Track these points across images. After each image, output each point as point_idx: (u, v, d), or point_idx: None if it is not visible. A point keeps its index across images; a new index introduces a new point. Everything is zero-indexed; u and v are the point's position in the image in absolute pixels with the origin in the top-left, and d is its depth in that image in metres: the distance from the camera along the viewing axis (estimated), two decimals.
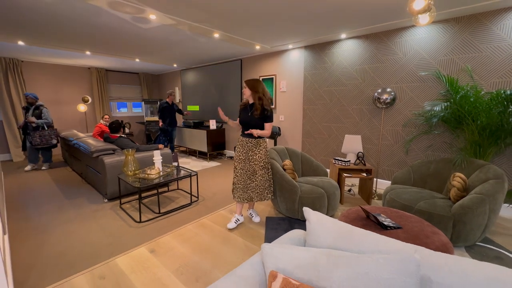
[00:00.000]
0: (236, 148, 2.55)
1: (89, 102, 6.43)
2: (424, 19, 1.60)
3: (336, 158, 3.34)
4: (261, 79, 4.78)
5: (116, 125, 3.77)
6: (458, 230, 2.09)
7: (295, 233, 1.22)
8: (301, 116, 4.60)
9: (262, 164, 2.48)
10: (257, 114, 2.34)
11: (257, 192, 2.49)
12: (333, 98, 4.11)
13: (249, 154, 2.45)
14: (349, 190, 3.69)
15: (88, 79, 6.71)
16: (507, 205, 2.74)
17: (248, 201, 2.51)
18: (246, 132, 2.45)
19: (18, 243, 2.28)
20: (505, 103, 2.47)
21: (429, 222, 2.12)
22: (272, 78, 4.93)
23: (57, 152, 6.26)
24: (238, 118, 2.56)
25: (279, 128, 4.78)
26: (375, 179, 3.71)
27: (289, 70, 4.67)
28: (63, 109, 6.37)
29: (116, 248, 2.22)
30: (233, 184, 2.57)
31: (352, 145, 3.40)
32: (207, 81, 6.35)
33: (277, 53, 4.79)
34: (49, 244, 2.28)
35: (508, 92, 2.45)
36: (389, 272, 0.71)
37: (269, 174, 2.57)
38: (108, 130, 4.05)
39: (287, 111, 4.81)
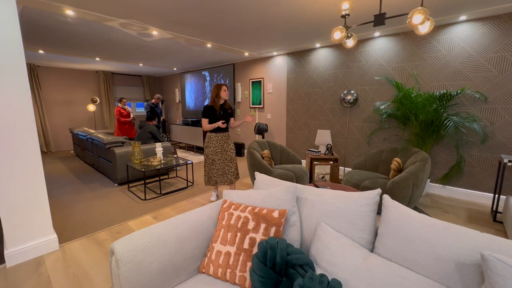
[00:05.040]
0: (210, 145, 3.02)
1: (97, 103, 7.08)
2: (350, 43, 2.21)
3: (310, 149, 3.96)
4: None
5: (150, 116, 5.21)
6: None
7: (250, 190, 1.85)
8: (285, 114, 5.22)
9: (234, 152, 3.18)
10: (230, 110, 3.07)
11: (235, 174, 3.12)
12: (311, 99, 4.73)
13: (224, 146, 3.05)
14: (323, 177, 4.31)
15: (96, 82, 7.38)
16: (441, 185, 3.36)
17: (216, 184, 3.12)
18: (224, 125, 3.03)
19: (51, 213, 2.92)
20: (437, 102, 3.09)
21: None
22: (260, 80, 5.55)
23: (69, 147, 6.94)
24: (220, 122, 2.95)
25: (266, 125, 5.41)
26: (343, 167, 4.32)
27: (275, 73, 5.29)
28: (74, 109, 7.04)
29: (127, 216, 2.86)
30: (207, 174, 3.11)
31: (323, 138, 4.02)
32: (204, 83, 6.99)
33: (264, 59, 5.42)
34: (75, 214, 2.93)
35: (436, 93, 3.06)
36: (281, 192, 1.34)
37: (236, 159, 3.23)
38: (123, 112, 5.70)
39: (273, 110, 5.44)
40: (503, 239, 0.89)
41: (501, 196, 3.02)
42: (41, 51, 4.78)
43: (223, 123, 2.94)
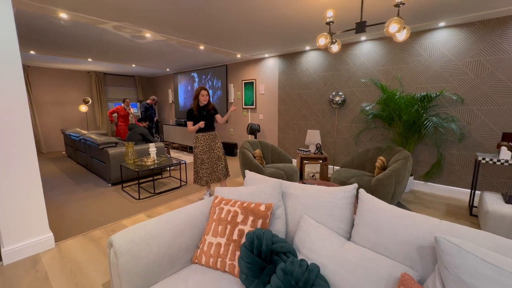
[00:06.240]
0: (198, 145, 3.12)
1: (89, 103, 7.06)
2: (334, 48, 2.35)
3: (300, 148, 4.09)
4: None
5: (143, 118, 5.45)
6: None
7: (240, 186, 1.96)
8: (276, 115, 5.35)
9: (222, 150, 3.25)
10: (213, 111, 3.16)
11: (223, 172, 3.21)
12: (302, 100, 4.87)
13: (212, 145, 3.14)
14: (313, 176, 4.45)
15: (88, 82, 7.35)
16: (424, 182, 3.55)
17: (207, 184, 3.17)
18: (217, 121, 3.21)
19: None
20: (418, 103, 3.26)
21: None
22: (253, 82, 5.66)
23: (60, 148, 6.89)
24: (201, 123, 3.03)
25: (258, 125, 5.52)
26: (332, 166, 4.48)
27: (266, 75, 5.41)
28: (66, 110, 7.00)
29: (121, 215, 2.92)
30: (196, 174, 3.18)
31: (313, 138, 4.17)
32: (193, 84, 7.06)
33: (256, 60, 5.53)
34: (70, 213, 2.98)
35: (418, 95, 3.24)
36: (268, 188, 1.45)
37: (225, 157, 3.31)
38: (122, 112, 5.85)
39: (266, 110, 5.56)
40: (457, 225, 1.03)
41: (477, 192, 3.22)
42: (32, 52, 4.77)
43: (205, 123, 3.08)
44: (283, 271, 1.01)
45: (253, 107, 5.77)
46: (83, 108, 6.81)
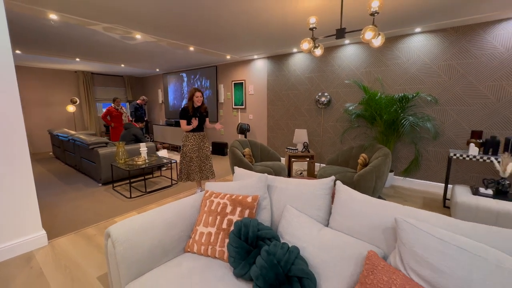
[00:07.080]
0: (187, 143, 3.22)
1: (77, 103, 6.97)
2: (318, 52, 2.51)
3: (288, 147, 4.25)
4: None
5: (139, 118, 5.59)
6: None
7: (229, 182, 2.08)
8: (266, 114, 5.49)
9: (210, 150, 3.37)
10: (205, 113, 3.26)
11: (211, 171, 3.33)
12: (290, 100, 5.04)
13: (201, 145, 3.25)
14: (300, 173, 4.62)
15: (75, 82, 7.25)
16: (403, 178, 3.78)
17: (191, 180, 3.28)
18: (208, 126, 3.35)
19: None
20: (397, 103, 3.48)
21: None
22: (242, 82, 5.78)
23: (47, 149, 6.78)
24: (193, 120, 3.15)
25: (248, 125, 5.65)
26: (318, 163, 4.66)
27: (256, 76, 5.55)
28: (53, 110, 6.89)
29: (113, 213, 2.98)
30: (185, 171, 3.25)
31: (301, 137, 4.33)
32: (187, 84, 7.11)
33: (245, 61, 5.66)
34: (62, 213, 3.00)
35: (396, 96, 3.46)
36: (254, 182, 1.58)
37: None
38: (114, 113, 5.66)
39: (255, 110, 5.69)
40: (416, 209, 1.19)
41: (450, 185, 3.47)
42: (18, 52, 4.70)
43: (198, 122, 3.20)
44: (266, 252, 1.15)
45: (243, 107, 5.89)
46: (71, 108, 6.72)
